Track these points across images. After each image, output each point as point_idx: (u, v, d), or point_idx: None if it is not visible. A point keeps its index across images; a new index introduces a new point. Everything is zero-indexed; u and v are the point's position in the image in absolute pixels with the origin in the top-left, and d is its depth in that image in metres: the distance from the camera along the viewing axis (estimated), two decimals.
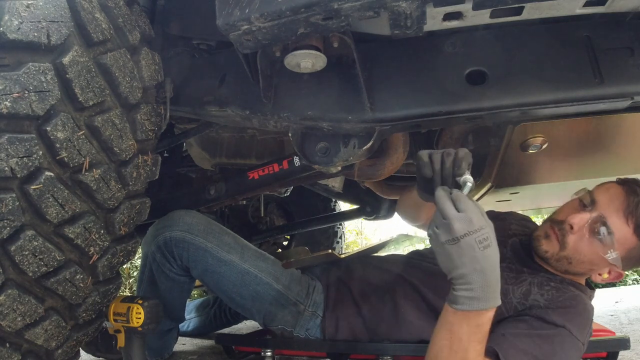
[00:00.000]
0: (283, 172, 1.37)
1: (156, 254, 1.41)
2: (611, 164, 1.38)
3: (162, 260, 1.41)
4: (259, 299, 1.40)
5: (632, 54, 0.89)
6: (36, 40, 0.78)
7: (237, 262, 1.39)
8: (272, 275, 1.41)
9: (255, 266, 1.40)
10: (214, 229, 1.42)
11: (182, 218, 1.39)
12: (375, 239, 6.71)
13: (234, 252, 1.40)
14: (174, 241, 1.37)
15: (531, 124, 1.06)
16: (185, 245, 1.37)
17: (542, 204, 2.17)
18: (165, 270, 1.42)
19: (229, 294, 1.44)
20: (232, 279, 1.39)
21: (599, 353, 1.34)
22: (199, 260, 1.38)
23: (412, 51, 0.97)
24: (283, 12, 0.76)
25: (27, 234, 0.82)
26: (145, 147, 1.03)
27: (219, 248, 1.38)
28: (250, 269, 1.39)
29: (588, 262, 1.16)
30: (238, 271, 1.39)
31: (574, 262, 1.18)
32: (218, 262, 1.38)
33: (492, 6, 0.82)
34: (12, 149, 0.78)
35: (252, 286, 1.39)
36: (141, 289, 1.51)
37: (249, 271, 1.39)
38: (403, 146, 1.23)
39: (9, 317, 0.84)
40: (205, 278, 1.44)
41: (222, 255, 1.38)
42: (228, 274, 1.39)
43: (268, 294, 1.40)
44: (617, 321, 2.40)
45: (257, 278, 1.39)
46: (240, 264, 1.39)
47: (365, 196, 2.23)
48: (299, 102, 1.00)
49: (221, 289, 1.44)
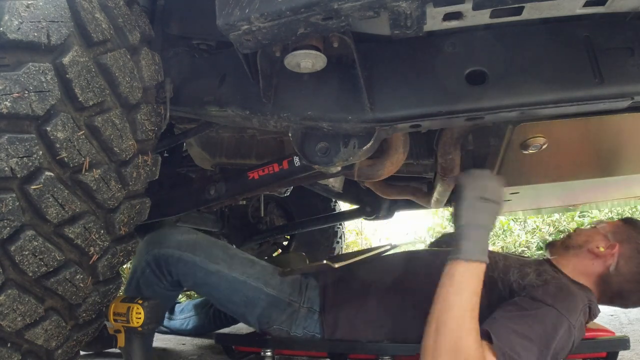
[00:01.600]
0: (283, 172, 1.37)
1: (146, 270, 1.48)
2: (611, 164, 1.38)
3: (151, 276, 1.48)
4: (251, 304, 1.45)
5: (632, 54, 0.89)
6: (36, 40, 0.78)
7: (225, 271, 1.45)
8: (261, 279, 1.46)
9: (243, 273, 1.46)
10: (202, 242, 1.50)
11: (172, 235, 1.48)
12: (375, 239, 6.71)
13: (222, 262, 1.46)
14: (163, 258, 1.45)
15: (531, 124, 1.06)
16: (174, 261, 1.45)
17: (542, 204, 2.16)
18: (154, 286, 1.49)
19: (222, 302, 1.51)
20: (222, 288, 1.46)
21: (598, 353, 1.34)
22: (189, 274, 1.46)
23: (412, 51, 0.97)
24: (283, 12, 0.75)
25: (27, 234, 0.82)
26: (145, 147, 1.03)
27: (207, 260, 1.45)
28: (238, 276, 1.45)
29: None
30: (227, 280, 1.45)
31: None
32: (207, 274, 1.45)
33: (492, 6, 0.82)
34: (12, 149, 0.78)
35: (242, 292, 1.45)
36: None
37: (238, 279, 1.45)
38: (403, 146, 1.23)
39: (9, 317, 0.84)
40: (197, 290, 1.54)
41: (210, 267, 1.45)
42: (217, 284, 1.46)
43: (259, 298, 1.44)
44: (617, 321, 2.40)
45: (247, 284, 1.45)
46: (228, 273, 1.45)
47: (365, 196, 2.22)
48: (299, 102, 1.00)
49: (214, 298, 1.53)
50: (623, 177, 1.46)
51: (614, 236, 1.34)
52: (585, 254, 1.34)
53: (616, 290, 1.32)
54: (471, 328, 1.00)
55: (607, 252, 1.31)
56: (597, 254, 1.32)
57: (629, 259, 1.30)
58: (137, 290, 1.52)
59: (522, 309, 1.14)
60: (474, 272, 1.05)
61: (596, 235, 1.37)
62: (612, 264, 1.30)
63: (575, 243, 1.37)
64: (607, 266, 1.31)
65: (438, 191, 1.56)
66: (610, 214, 5.37)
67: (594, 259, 1.33)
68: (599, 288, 1.33)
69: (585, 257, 1.34)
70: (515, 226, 5.64)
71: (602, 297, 1.35)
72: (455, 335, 0.99)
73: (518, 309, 1.15)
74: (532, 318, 1.10)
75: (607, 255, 1.31)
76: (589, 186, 1.62)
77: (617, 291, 1.32)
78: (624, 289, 1.32)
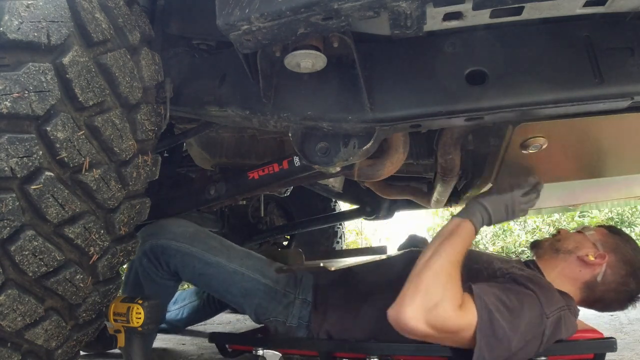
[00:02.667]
0: (283, 172, 1.37)
1: (142, 259, 1.48)
2: (611, 164, 1.38)
3: (148, 265, 1.49)
4: (249, 294, 1.48)
5: (632, 54, 0.89)
6: (36, 40, 0.78)
7: (224, 263, 1.47)
8: (258, 271, 1.49)
9: (241, 265, 1.48)
10: (200, 235, 1.52)
11: (168, 227, 1.48)
12: (375, 239, 6.72)
13: (221, 254, 1.48)
14: (160, 249, 1.46)
15: (531, 124, 1.06)
16: (172, 252, 1.46)
17: (542, 204, 2.16)
18: (152, 275, 1.50)
19: (220, 292, 1.53)
20: (221, 279, 1.48)
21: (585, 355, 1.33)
22: (187, 265, 1.47)
23: (412, 51, 0.97)
24: (283, 12, 0.75)
25: (27, 234, 0.82)
26: (145, 147, 1.03)
27: (205, 252, 1.47)
28: (237, 267, 1.47)
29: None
30: (225, 271, 1.47)
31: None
32: (205, 265, 1.46)
33: (492, 6, 0.82)
34: (12, 149, 0.78)
35: (240, 283, 1.47)
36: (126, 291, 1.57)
37: (236, 270, 1.47)
38: (403, 146, 1.23)
39: (9, 317, 0.84)
40: (195, 281, 1.55)
41: (209, 258, 1.47)
42: (216, 275, 1.47)
43: (257, 289, 1.47)
44: (617, 321, 2.40)
45: (245, 276, 1.47)
46: (227, 265, 1.47)
47: (365, 196, 2.23)
48: (299, 102, 1.00)
49: (212, 289, 1.54)
50: (623, 177, 1.47)
51: (604, 246, 1.37)
52: (574, 259, 1.37)
53: (599, 297, 1.36)
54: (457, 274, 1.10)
55: (597, 262, 1.33)
56: (586, 262, 1.34)
57: (615, 269, 1.34)
58: (135, 281, 1.53)
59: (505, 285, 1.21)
60: (468, 231, 1.18)
61: (586, 242, 1.39)
62: (600, 273, 1.33)
63: (565, 248, 1.40)
64: (594, 275, 1.34)
65: (438, 191, 1.56)
66: (610, 214, 5.38)
67: (583, 267, 1.35)
68: (582, 294, 1.36)
69: (574, 262, 1.36)
70: (515, 226, 5.65)
71: (583, 302, 1.38)
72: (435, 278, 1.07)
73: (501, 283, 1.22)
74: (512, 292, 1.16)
75: (596, 264, 1.34)
76: (589, 186, 1.62)
77: (600, 298, 1.36)
78: (607, 297, 1.36)
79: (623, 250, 1.37)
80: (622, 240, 1.40)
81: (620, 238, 1.41)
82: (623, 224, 5.45)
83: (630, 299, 1.37)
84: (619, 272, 1.34)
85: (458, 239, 1.16)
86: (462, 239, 1.16)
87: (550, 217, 5.33)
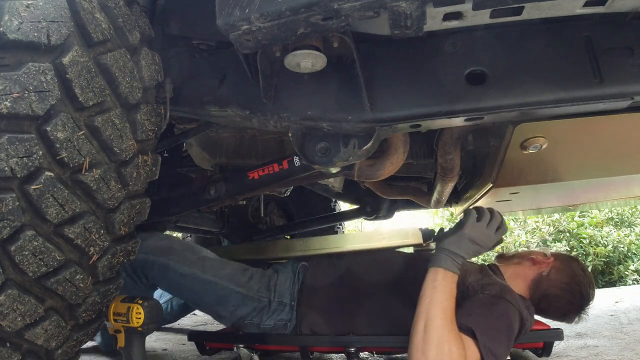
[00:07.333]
0: (283, 172, 1.37)
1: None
2: (611, 164, 1.38)
3: (127, 279, 1.57)
4: (222, 301, 1.59)
5: (632, 54, 0.89)
6: (36, 40, 0.78)
7: (198, 274, 1.58)
8: (231, 280, 1.59)
9: (215, 275, 1.59)
10: (176, 247, 1.63)
11: (146, 241, 1.57)
12: None
13: (195, 266, 1.59)
14: (139, 263, 1.57)
15: (531, 124, 1.06)
16: (149, 266, 1.58)
17: (542, 204, 2.17)
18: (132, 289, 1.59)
19: (195, 301, 1.69)
20: (195, 289, 1.60)
21: (535, 343, 1.58)
22: (163, 276, 1.59)
23: (412, 51, 0.97)
24: (283, 12, 0.76)
25: (27, 234, 0.82)
26: (145, 147, 1.03)
27: (180, 264, 1.59)
28: (210, 278, 1.59)
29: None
30: (199, 282, 1.58)
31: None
32: (180, 276, 1.58)
33: (492, 6, 0.82)
34: (12, 149, 0.78)
35: (214, 292, 1.58)
36: None
37: (210, 280, 1.58)
38: (403, 146, 1.23)
39: (9, 317, 0.84)
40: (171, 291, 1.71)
41: (184, 270, 1.58)
42: (190, 286, 1.59)
43: (230, 296, 1.58)
44: (617, 321, 2.40)
45: (218, 285, 1.58)
46: (201, 275, 1.58)
47: (365, 196, 2.23)
48: (299, 102, 1.00)
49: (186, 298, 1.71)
50: (623, 177, 1.47)
51: (553, 255, 1.65)
52: (525, 261, 1.65)
53: (543, 292, 1.57)
54: (452, 321, 1.22)
55: (544, 260, 1.62)
56: (534, 261, 1.63)
57: (559, 270, 1.59)
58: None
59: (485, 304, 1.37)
60: (451, 279, 1.30)
61: (537, 250, 1.70)
62: (545, 270, 1.59)
63: (520, 254, 1.71)
64: (540, 272, 1.59)
65: (438, 191, 1.56)
66: (610, 214, 5.37)
67: (532, 265, 1.62)
68: (529, 290, 1.58)
69: (525, 264, 1.64)
70: (515, 226, 5.64)
71: (531, 299, 1.57)
72: (440, 331, 1.19)
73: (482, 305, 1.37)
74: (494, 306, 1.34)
75: (543, 262, 1.61)
76: (589, 186, 1.62)
77: (544, 294, 1.57)
78: (550, 292, 1.57)
79: (569, 263, 1.63)
80: (572, 258, 1.69)
81: (572, 257, 1.71)
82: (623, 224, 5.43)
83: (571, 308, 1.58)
84: (561, 274, 1.58)
85: (441, 288, 1.28)
86: (444, 286, 1.28)
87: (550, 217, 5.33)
